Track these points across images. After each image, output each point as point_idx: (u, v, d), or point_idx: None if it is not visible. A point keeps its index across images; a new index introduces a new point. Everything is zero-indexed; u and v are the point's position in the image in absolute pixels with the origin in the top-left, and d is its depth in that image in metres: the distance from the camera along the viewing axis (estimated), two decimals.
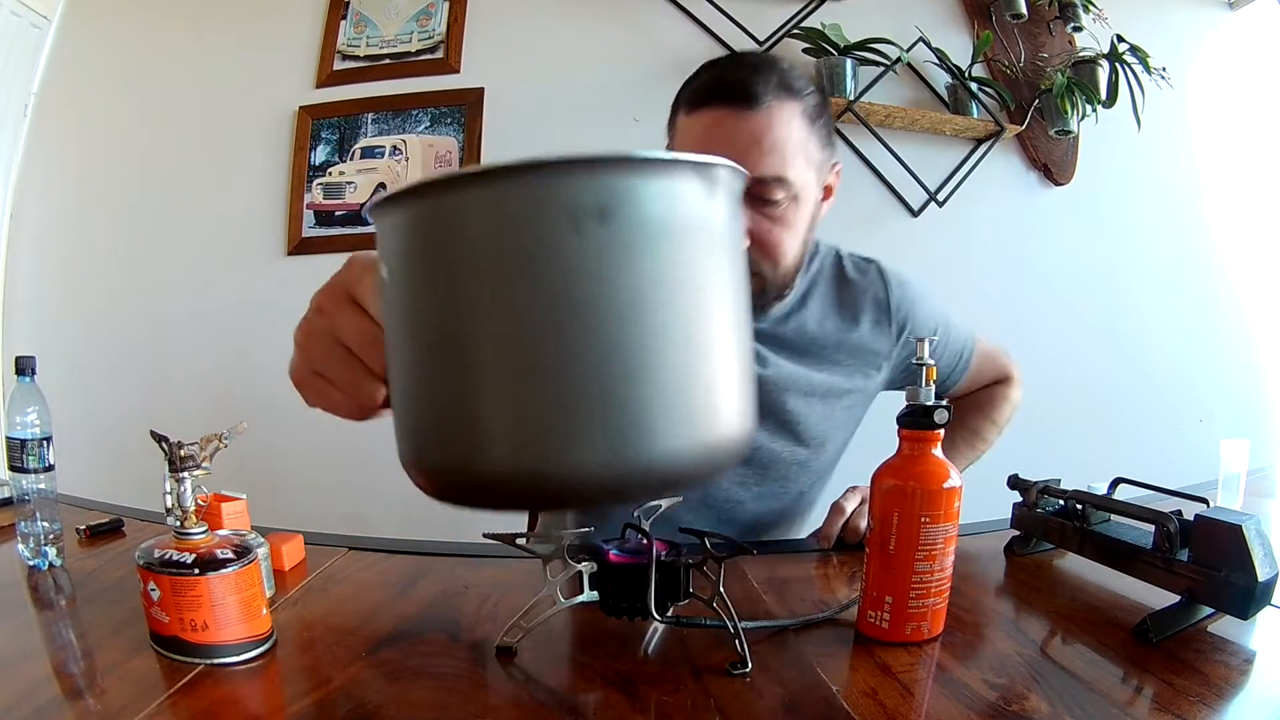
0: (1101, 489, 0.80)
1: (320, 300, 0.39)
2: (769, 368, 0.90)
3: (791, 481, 0.97)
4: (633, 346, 0.26)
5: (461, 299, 0.27)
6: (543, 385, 0.26)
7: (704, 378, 0.28)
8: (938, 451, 0.60)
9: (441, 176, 0.27)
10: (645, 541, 0.59)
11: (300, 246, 1.83)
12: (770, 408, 0.90)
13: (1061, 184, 1.89)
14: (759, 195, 0.77)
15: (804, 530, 1.06)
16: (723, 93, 0.75)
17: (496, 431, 0.27)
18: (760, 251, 0.80)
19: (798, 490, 0.99)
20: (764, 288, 0.84)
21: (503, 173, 0.26)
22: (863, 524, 0.84)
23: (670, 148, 0.83)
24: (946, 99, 1.85)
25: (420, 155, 1.83)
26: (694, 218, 0.28)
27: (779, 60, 0.79)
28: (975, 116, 1.81)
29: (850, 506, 0.86)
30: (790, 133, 0.76)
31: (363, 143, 1.85)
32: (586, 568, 0.61)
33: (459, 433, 0.28)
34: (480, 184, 0.26)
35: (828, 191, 0.86)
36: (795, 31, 1.81)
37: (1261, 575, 0.56)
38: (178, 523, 0.58)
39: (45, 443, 0.77)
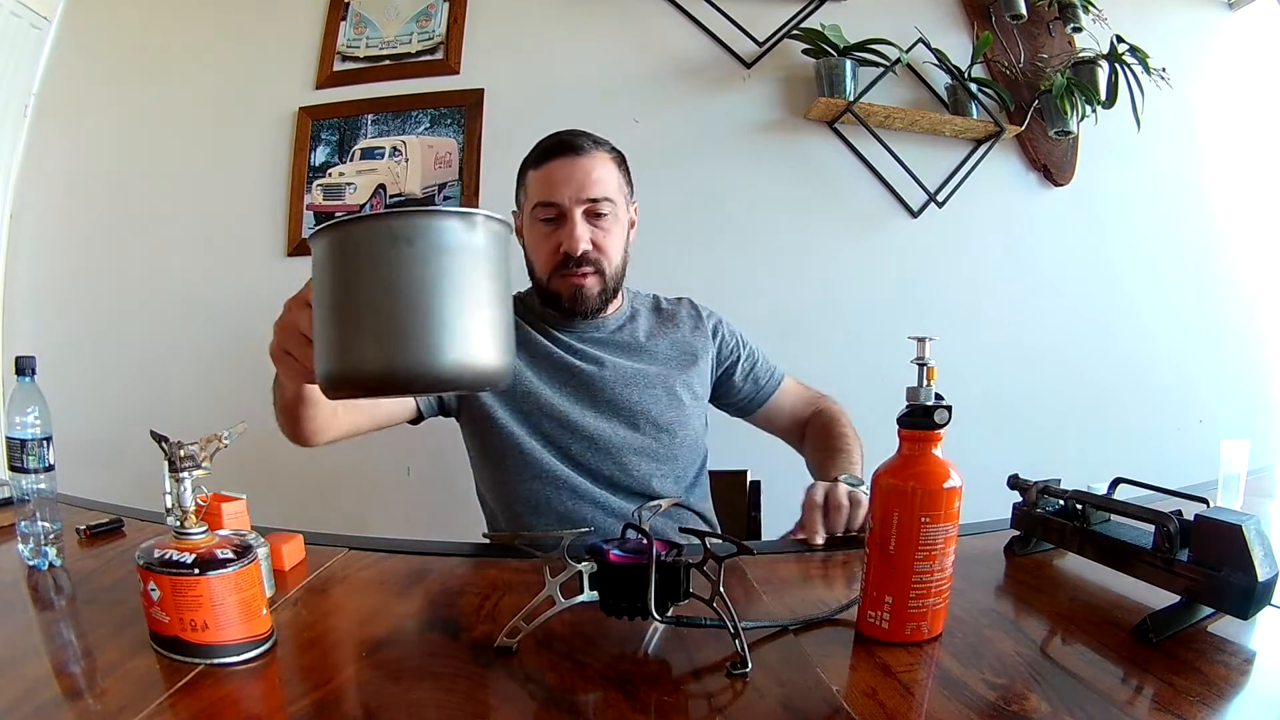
0: (1101, 489, 0.80)
1: (288, 303, 0.61)
2: (606, 368, 1.11)
3: (670, 463, 1.11)
4: (426, 307, 0.49)
5: (345, 283, 0.51)
6: (385, 325, 0.49)
7: (467, 327, 0.50)
8: (938, 451, 0.60)
9: (335, 221, 0.50)
10: (645, 541, 0.59)
11: (300, 247, 1.83)
12: (617, 401, 1.10)
13: (1061, 184, 1.89)
14: (595, 212, 1.07)
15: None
16: (561, 149, 1.07)
17: (365, 350, 0.50)
18: (599, 251, 1.08)
19: (674, 477, 1.13)
20: (604, 284, 1.10)
21: (361, 219, 0.50)
22: (843, 497, 0.89)
23: (521, 198, 1.14)
24: (946, 100, 1.85)
25: (420, 156, 1.83)
26: (461, 242, 0.50)
27: (589, 131, 1.12)
28: (975, 117, 1.81)
29: (819, 497, 0.90)
30: (607, 170, 1.09)
31: (363, 144, 1.85)
32: (586, 568, 0.61)
33: (347, 353, 0.51)
34: (350, 225, 0.50)
35: (633, 224, 1.16)
36: (795, 32, 1.80)
37: (1261, 575, 0.56)
38: (178, 523, 0.58)
39: (45, 443, 0.77)
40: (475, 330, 0.50)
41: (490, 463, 1.12)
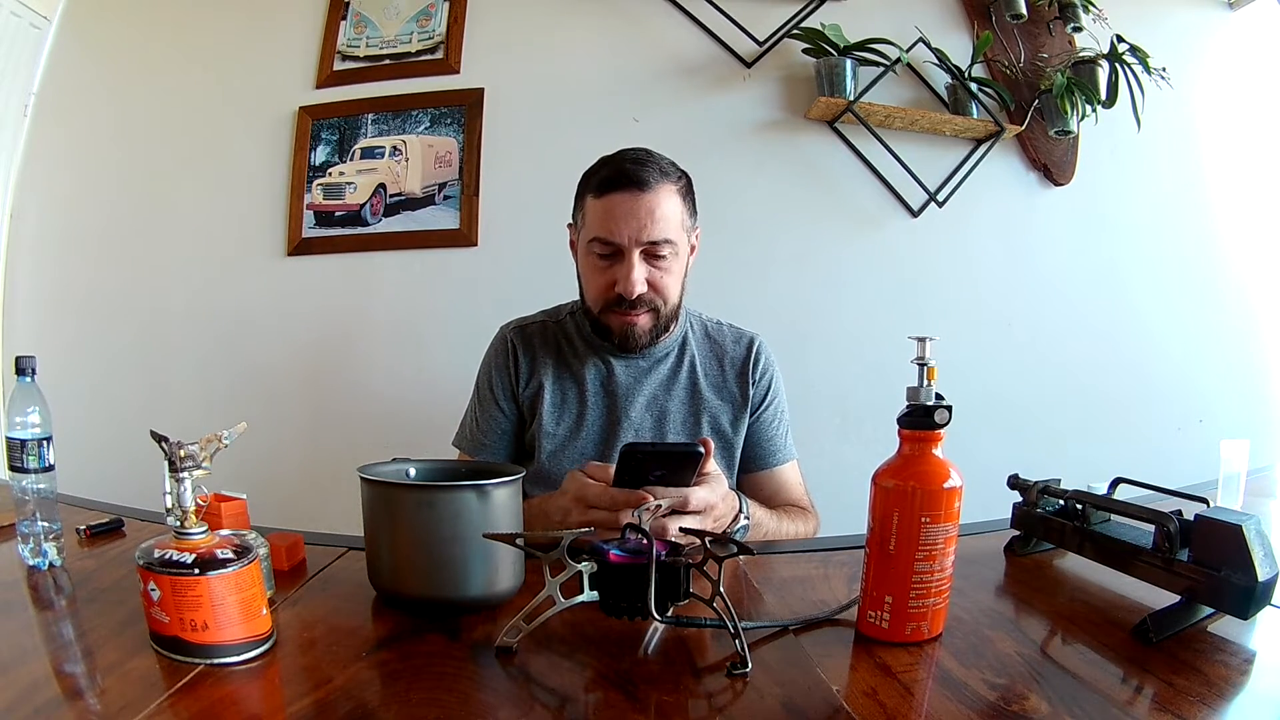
0: (1101, 489, 0.80)
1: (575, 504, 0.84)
2: (631, 402, 1.11)
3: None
4: (448, 551, 0.65)
5: (383, 524, 0.69)
6: (418, 560, 0.67)
7: (486, 566, 0.67)
8: (938, 451, 0.60)
9: (376, 479, 0.69)
10: (645, 541, 0.59)
11: (300, 247, 1.83)
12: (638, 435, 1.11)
13: (1061, 184, 1.88)
14: (654, 253, 1.03)
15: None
16: (624, 182, 1.01)
17: (405, 576, 0.68)
18: (655, 292, 1.05)
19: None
20: (658, 321, 1.08)
21: (396, 485, 0.70)
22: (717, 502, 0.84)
23: (578, 224, 1.10)
24: (946, 99, 1.85)
25: (420, 156, 1.83)
26: (475, 507, 0.66)
27: (655, 153, 1.06)
28: (975, 117, 1.80)
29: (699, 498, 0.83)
30: (671, 207, 1.03)
31: (363, 143, 1.85)
32: (586, 568, 0.61)
33: (391, 576, 0.69)
34: (385, 487, 0.69)
35: (693, 249, 1.13)
36: (795, 32, 1.80)
37: (1261, 575, 0.56)
38: (178, 523, 0.58)
39: (45, 443, 0.77)
40: (492, 567, 0.66)
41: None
